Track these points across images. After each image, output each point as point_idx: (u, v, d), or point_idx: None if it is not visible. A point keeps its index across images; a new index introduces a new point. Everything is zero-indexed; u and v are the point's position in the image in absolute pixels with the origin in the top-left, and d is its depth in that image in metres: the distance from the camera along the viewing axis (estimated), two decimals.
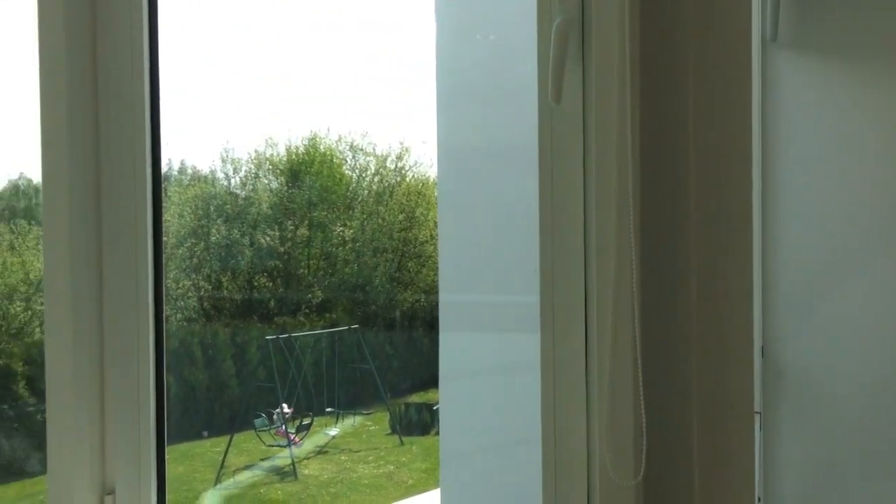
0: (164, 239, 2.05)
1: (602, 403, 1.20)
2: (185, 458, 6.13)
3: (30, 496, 5.65)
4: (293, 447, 6.16)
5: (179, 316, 6.61)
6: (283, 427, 6.22)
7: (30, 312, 6.39)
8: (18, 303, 6.47)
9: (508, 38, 1.35)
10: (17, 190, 7.35)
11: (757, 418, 1.63)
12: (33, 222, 6.75)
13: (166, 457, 1.83)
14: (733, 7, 1.21)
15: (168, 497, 1.82)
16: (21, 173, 7.29)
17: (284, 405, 6.28)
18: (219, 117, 6.66)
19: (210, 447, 6.33)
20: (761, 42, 1.65)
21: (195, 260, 6.78)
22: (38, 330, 6.24)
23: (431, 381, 6.39)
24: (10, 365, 6.14)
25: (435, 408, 5.98)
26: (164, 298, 1.82)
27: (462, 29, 1.48)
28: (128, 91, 1.74)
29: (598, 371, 1.21)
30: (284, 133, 6.99)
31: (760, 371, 1.66)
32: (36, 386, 5.96)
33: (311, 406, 6.45)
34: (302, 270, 6.97)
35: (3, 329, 6.41)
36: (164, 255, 1.84)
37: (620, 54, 1.14)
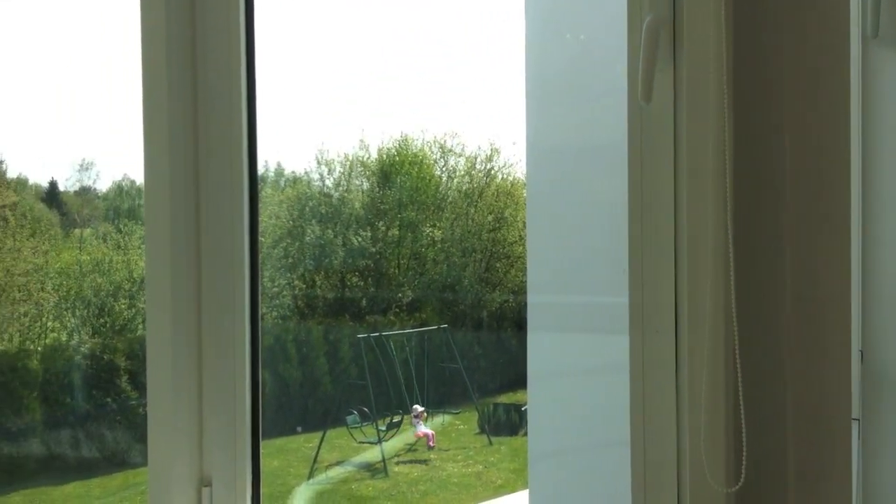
0: (261, 239, 2.10)
1: (696, 408, 1.17)
2: (280, 452, 6.25)
3: (133, 486, 5.84)
4: (383, 443, 6.23)
5: (275, 314, 6.75)
6: (375, 424, 6.29)
7: (133, 310, 6.62)
8: (123, 300, 6.70)
9: (598, 37, 1.34)
10: (122, 191, 7.62)
11: (855, 425, 1.57)
12: (138, 222, 6.98)
13: (261, 451, 1.87)
14: (831, 2, 1.18)
15: (263, 490, 1.86)
16: (125, 174, 7.56)
17: (418, 406, 6.35)
18: (313, 120, 6.78)
19: (303, 442, 6.44)
20: (861, 38, 1.59)
21: (290, 259, 6.91)
22: (140, 326, 6.46)
23: (520, 382, 6.35)
24: (115, 360, 6.36)
25: (523, 408, 5.95)
26: (259, 297, 1.87)
27: (552, 28, 1.47)
28: (226, 94, 1.79)
29: (689, 375, 1.19)
30: (377, 135, 7.08)
31: (859, 376, 1.60)
32: (138, 380, 6.16)
33: (402, 404, 6.50)
34: (392, 270, 7.03)
35: (109, 325, 6.66)
36: (259, 255, 1.88)
37: (714, 52, 1.12)
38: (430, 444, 6.35)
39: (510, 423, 6.42)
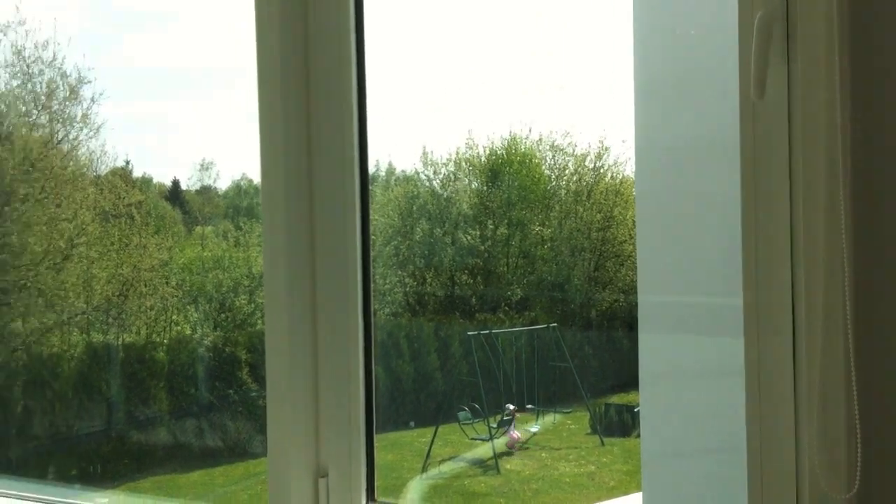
0: (372, 237, 2.15)
1: (812, 412, 1.14)
2: (394, 446, 6.33)
3: (254, 476, 6.02)
4: (501, 439, 6.23)
5: (387, 310, 6.85)
6: (487, 421, 6.29)
7: (253, 305, 6.83)
8: (243, 296, 6.93)
9: (709, 32, 1.31)
10: (240, 190, 7.87)
11: None
12: (256, 220, 7.19)
13: (375, 444, 1.91)
14: None
15: (377, 483, 1.90)
16: (243, 174, 7.81)
17: (510, 405, 6.36)
18: (423, 118, 6.84)
19: (417, 437, 6.50)
20: None
21: (401, 257, 7.00)
22: (260, 321, 6.66)
23: (632, 383, 6.26)
24: (236, 353, 6.58)
25: (636, 409, 5.86)
26: (371, 293, 1.91)
27: (661, 24, 1.45)
28: (337, 95, 1.83)
29: (807, 378, 1.15)
30: (485, 134, 7.09)
31: None
32: (258, 373, 6.36)
33: (512, 402, 6.49)
34: (501, 268, 7.03)
35: (230, 320, 6.90)
36: (371, 253, 1.92)
37: (828, 47, 1.09)
38: (513, 447, 6.32)
39: (622, 423, 6.32)
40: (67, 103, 6.52)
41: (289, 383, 1.84)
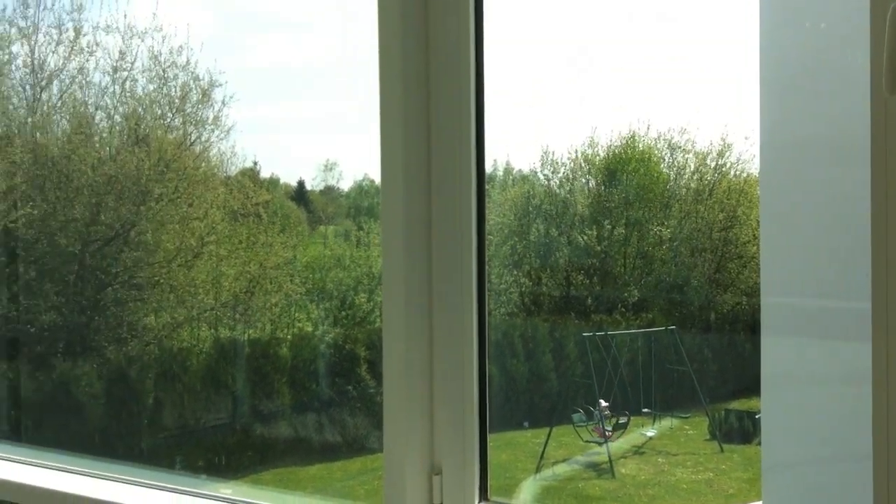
0: (489, 237, 2.15)
1: None
2: (508, 446, 6.32)
3: (371, 471, 6.12)
4: (609, 444, 6.15)
5: (502, 310, 6.84)
6: (601, 424, 6.21)
7: (372, 303, 6.95)
8: (362, 294, 7.05)
9: (839, 24, 1.27)
10: (362, 190, 8.01)
11: None
12: (376, 220, 7.31)
13: (489, 443, 1.91)
14: None
15: (490, 482, 1.91)
16: (365, 174, 7.95)
17: (602, 401, 6.26)
18: (541, 117, 6.80)
19: (531, 438, 6.47)
20: None
21: (516, 257, 6.98)
22: (378, 319, 6.76)
23: (753, 388, 6.06)
24: (355, 350, 6.70)
25: (757, 416, 5.67)
26: (486, 293, 1.91)
27: (789, 16, 1.41)
28: (455, 96, 1.85)
29: None
30: (603, 131, 6.98)
31: None
32: (376, 369, 6.45)
33: (628, 405, 6.38)
34: (618, 269, 6.91)
35: (350, 317, 7.04)
36: (487, 252, 1.93)
37: None
38: (609, 435, 6.20)
39: (743, 430, 6.13)
40: (200, 106, 6.79)
41: (405, 381, 1.87)
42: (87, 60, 6.64)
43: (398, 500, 1.86)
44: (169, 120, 6.90)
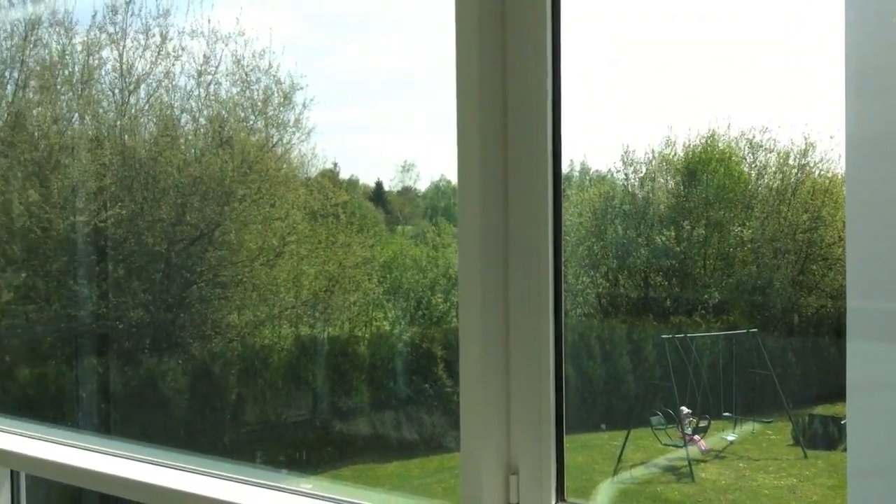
0: (565, 237, 2.15)
1: None
2: (585, 448, 6.28)
3: (447, 469, 6.15)
4: (689, 447, 6.05)
5: (579, 311, 6.80)
6: (681, 428, 6.13)
7: (448, 304, 6.98)
8: (439, 294, 7.10)
9: None
10: (438, 190, 8.06)
11: None
12: (453, 220, 7.34)
13: (566, 444, 1.90)
14: None
15: (567, 483, 1.90)
16: (442, 175, 7.99)
17: (684, 408, 6.18)
18: (619, 117, 6.73)
19: (608, 440, 6.42)
20: None
21: (594, 258, 6.93)
22: (455, 319, 6.79)
23: (838, 393, 5.90)
24: (432, 349, 6.75)
25: (842, 421, 5.51)
26: (563, 293, 1.91)
27: (874, 12, 1.37)
28: (532, 96, 1.85)
29: None
30: (683, 131, 6.87)
31: None
32: (453, 369, 6.48)
33: (708, 409, 6.27)
34: (698, 270, 6.80)
35: (426, 317, 7.09)
36: (563, 253, 1.92)
37: None
38: (695, 440, 6.08)
39: (828, 436, 5.97)
40: (281, 109, 6.93)
41: (481, 381, 1.87)
42: (173, 65, 6.84)
43: (475, 499, 1.87)
44: (252, 122, 7.06)
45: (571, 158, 6.95)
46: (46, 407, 6.77)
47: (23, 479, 3.14)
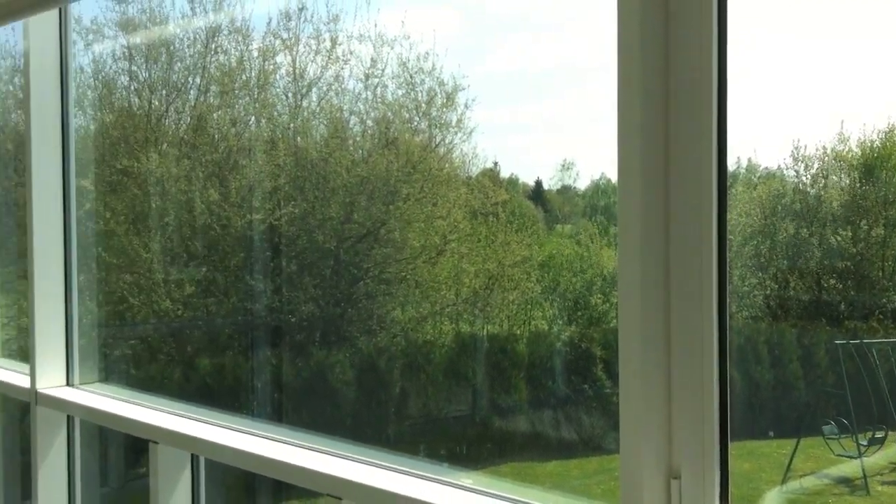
0: (730, 237, 2.10)
1: None
2: (751, 455, 6.08)
3: (606, 471, 6.09)
4: (863, 459, 5.75)
5: (745, 313, 6.57)
6: (855, 438, 5.83)
7: (607, 304, 6.91)
8: (598, 294, 7.03)
9: None
10: (598, 189, 7.97)
11: None
12: (613, 219, 7.25)
13: (730, 451, 1.86)
14: None
15: (731, 490, 1.85)
16: (602, 173, 7.91)
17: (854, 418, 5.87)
18: (789, 112, 6.45)
19: (776, 448, 6.19)
20: None
21: (761, 258, 6.67)
22: (614, 319, 6.71)
23: None
24: (591, 349, 6.69)
25: None
26: (728, 295, 1.86)
27: None
28: (696, 91, 1.81)
29: None
30: (857, 126, 6.50)
31: None
32: (612, 370, 6.41)
33: (885, 419, 5.93)
34: (876, 273, 6.42)
35: (585, 316, 7.04)
36: (728, 253, 1.87)
37: None
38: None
39: None
40: (444, 110, 7.05)
41: (641, 382, 1.85)
42: (343, 68, 7.09)
43: (635, 502, 1.85)
44: (416, 123, 7.22)
45: (738, 155, 6.72)
46: (224, 395, 7.18)
47: (202, 462, 3.34)
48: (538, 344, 7.01)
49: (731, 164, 1.94)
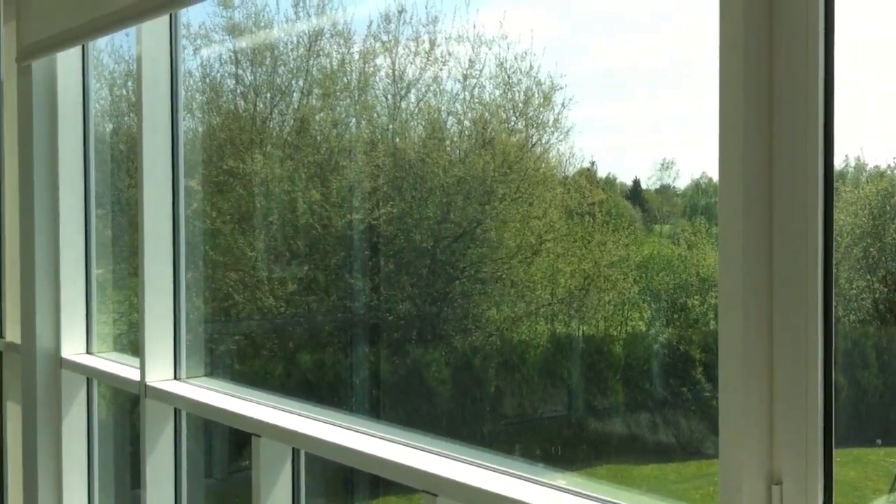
0: (837, 239, 2.03)
1: None
2: (856, 463, 5.87)
3: (705, 476, 5.98)
4: None
5: (852, 317, 6.34)
6: None
7: (706, 305, 6.77)
8: (696, 295, 6.90)
9: None
10: (699, 188, 7.81)
11: None
12: (713, 220, 7.10)
13: (835, 458, 1.81)
14: None
15: (836, 499, 1.80)
16: (703, 172, 7.74)
17: None
18: None
19: (883, 456, 5.96)
20: None
21: (870, 260, 6.43)
22: (713, 321, 6.57)
23: None
24: (690, 351, 6.57)
25: None
26: (833, 298, 1.81)
27: None
28: (801, 89, 1.77)
29: None
30: None
31: None
32: (712, 373, 6.27)
33: None
34: None
35: (683, 318, 6.91)
36: (835, 255, 1.83)
37: None
38: None
39: None
40: (541, 109, 7.04)
41: (742, 387, 1.83)
42: (441, 69, 7.15)
43: None
44: (512, 123, 7.23)
45: (846, 153, 6.48)
46: (323, 390, 7.34)
47: (302, 456, 3.43)
48: (635, 345, 6.93)
49: (838, 163, 1.89)
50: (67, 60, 4.85)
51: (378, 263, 7.27)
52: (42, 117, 4.84)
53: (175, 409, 4.03)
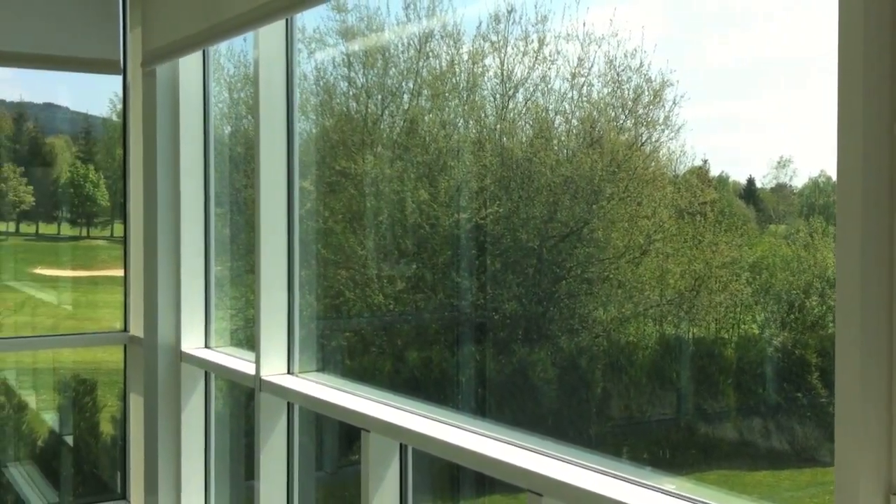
0: None
1: None
2: None
3: (820, 484, 5.77)
4: None
5: None
6: None
7: (824, 307, 6.53)
8: (814, 297, 6.66)
9: None
10: (817, 187, 7.54)
11: None
12: (831, 219, 6.85)
13: None
14: None
15: None
16: (821, 171, 7.47)
17: None
18: None
19: None
20: None
21: None
22: (831, 324, 6.34)
23: None
24: (805, 355, 6.36)
25: None
26: None
27: None
28: None
29: None
30: None
31: None
32: (828, 378, 6.05)
33: None
34: None
35: (799, 321, 6.68)
36: None
37: None
38: None
39: None
40: (651, 107, 6.93)
41: (860, 394, 1.78)
42: (549, 69, 7.14)
43: None
44: (621, 122, 7.15)
45: None
46: (430, 387, 7.42)
47: (409, 451, 3.48)
48: (748, 349, 6.75)
49: None
50: (189, 65, 5.06)
51: (485, 262, 7.32)
52: (165, 120, 5.06)
53: (288, 403, 4.16)
